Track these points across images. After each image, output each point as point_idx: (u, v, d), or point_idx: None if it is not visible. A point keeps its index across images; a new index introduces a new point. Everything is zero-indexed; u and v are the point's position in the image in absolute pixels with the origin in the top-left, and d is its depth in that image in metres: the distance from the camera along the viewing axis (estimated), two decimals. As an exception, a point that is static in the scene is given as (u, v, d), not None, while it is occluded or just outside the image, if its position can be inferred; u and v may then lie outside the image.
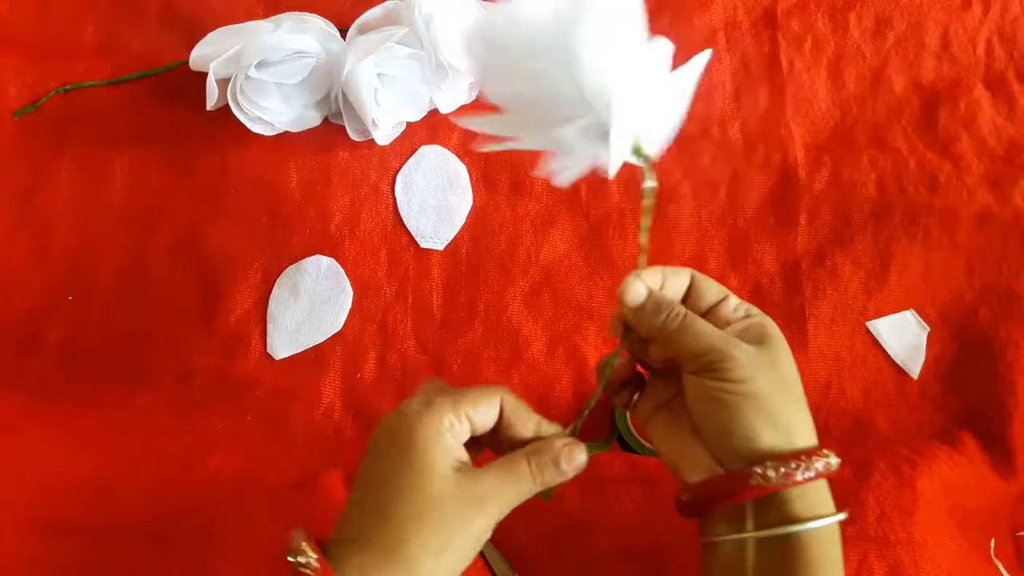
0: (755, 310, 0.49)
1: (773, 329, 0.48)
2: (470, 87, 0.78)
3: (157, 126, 0.78)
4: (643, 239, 0.49)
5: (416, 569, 0.41)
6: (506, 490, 0.44)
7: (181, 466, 0.66)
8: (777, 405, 0.44)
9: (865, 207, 0.76)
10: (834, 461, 0.44)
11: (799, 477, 0.42)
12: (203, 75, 0.72)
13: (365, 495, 0.43)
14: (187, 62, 0.73)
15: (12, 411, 0.69)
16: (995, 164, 0.77)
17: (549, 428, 0.47)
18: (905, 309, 0.73)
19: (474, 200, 0.77)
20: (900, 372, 0.72)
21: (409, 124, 0.77)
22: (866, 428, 0.71)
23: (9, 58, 0.80)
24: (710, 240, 0.75)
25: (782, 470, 0.42)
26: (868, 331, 0.73)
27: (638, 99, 0.44)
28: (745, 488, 0.43)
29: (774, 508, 0.43)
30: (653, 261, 0.72)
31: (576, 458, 0.46)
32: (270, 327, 0.72)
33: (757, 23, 0.83)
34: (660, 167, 0.76)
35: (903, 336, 0.73)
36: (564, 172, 0.47)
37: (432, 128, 0.78)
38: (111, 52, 0.81)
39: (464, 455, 0.44)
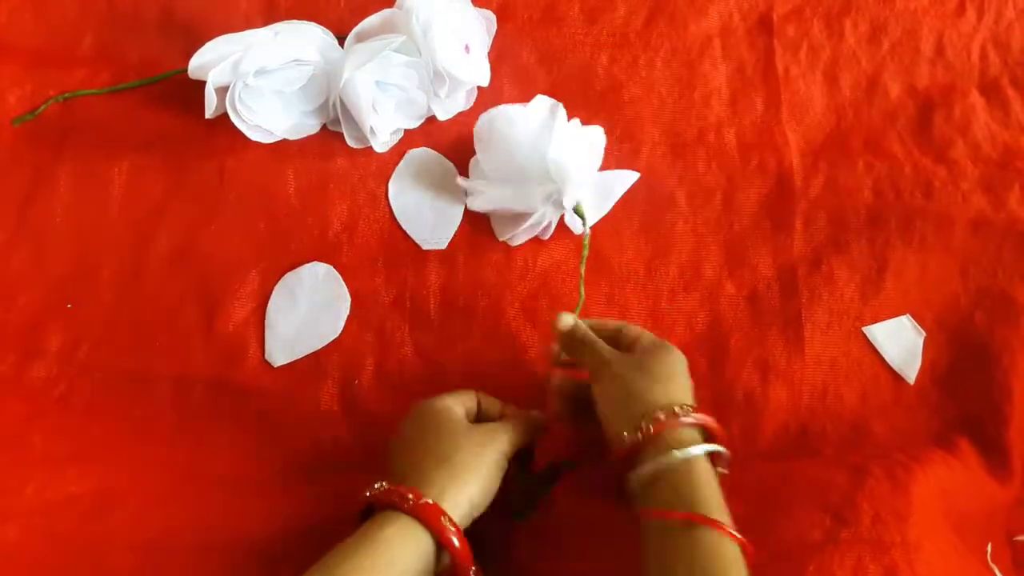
0: (656, 342, 0.63)
1: (665, 347, 0.62)
2: (467, 94, 0.79)
3: (156, 134, 0.78)
4: (581, 289, 0.70)
5: (462, 470, 0.54)
6: (507, 432, 0.58)
7: (181, 474, 0.66)
8: (640, 388, 0.57)
9: (861, 212, 0.76)
10: (696, 415, 0.56)
11: (652, 426, 0.54)
12: (201, 83, 0.72)
13: (403, 446, 0.57)
14: (185, 70, 0.73)
15: (12, 420, 0.69)
16: (990, 169, 0.77)
17: (512, 408, 0.63)
18: (901, 314, 0.74)
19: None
20: (896, 377, 0.72)
21: (407, 131, 0.78)
22: (862, 433, 0.71)
23: (8, 66, 0.80)
24: (706, 246, 0.76)
25: (639, 426, 0.54)
26: (864, 336, 0.73)
27: (580, 178, 0.71)
28: (617, 451, 0.55)
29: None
30: (656, 263, 0.73)
31: (543, 417, 0.62)
32: (268, 334, 0.73)
33: (753, 29, 0.83)
34: (657, 172, 0.78)
35: (899, 341, 0.73)
36: (520, 235, 0.75)
37: (430, 135, 0.78)
38: (110, 60, 0.81)
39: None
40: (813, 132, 0.80)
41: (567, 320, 0.64)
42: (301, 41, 0.73)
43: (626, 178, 0.76)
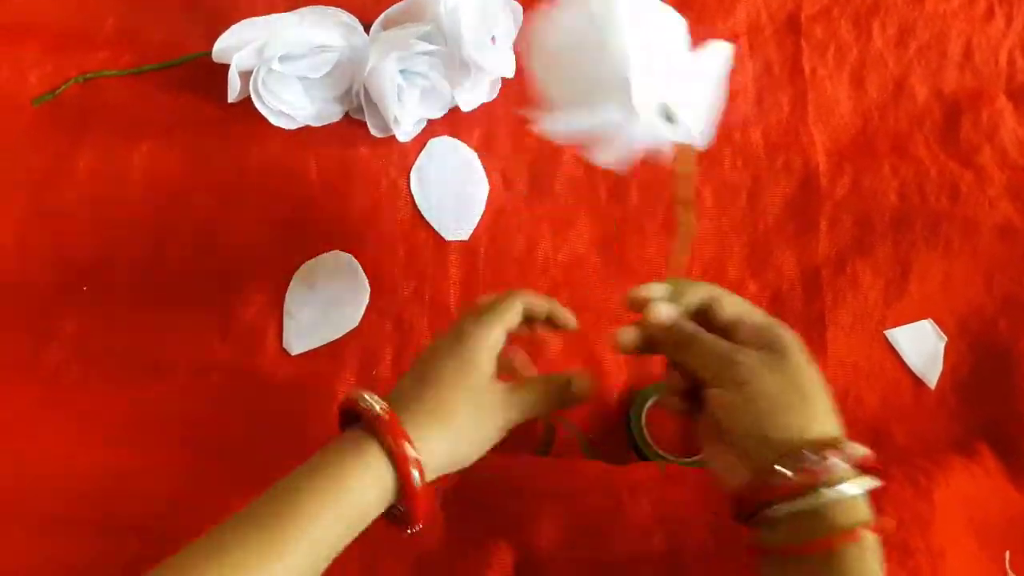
0: (773, 328, 0.50)
1: (787, 337, 0.49)
2: (491, 85, 0.78)
3: (177, 117, 0.78)
4: (684, 221, 0.58)
5: (458, 430, 0.50)
6: (523, 398, 0.53)
7: (195, 461, 0.66)
8: (785, 404, 0.46)
9: (886, 215, 0.75)
10: (858, 451, 0.45)
11: (816, 467, 0.43)
12: (224, 67, 0.71)
13: (422, 374, 0.51)
14: (209, 53, 0.73)
15: (27, 403, 0.68)
16: (1017, 175, 0.77)
17: (561, 312, 0.59)
18: (924, 318, 0.73)
19: (492, 196, 0.77)
20: (917, 382, 0.72)
21: (430, 121, 0.77)
22: (883, 437, 0.70)
23: (29, 46, 0.80)
24: (730, 246, 0.75)
25: (799, 465, 0.43)
26: (886, 340, 0.73)
27: (656, 72, 0.52)
28: (768, 488, 0.44)
29: (810, 517, 0.44)
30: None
31: (582, 384, 0.54)
32: (286, 322, 0.72)
33: (780, 29, 0.83)
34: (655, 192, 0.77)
35: (921, 346, 0.73)
36: (616, 154, 0.54)
37: (453, 125, 0.78)
38: (132, 42, 0.80)
39: (497, 356, 0.53)
40: (839, 133, 0.79)
41: (665, 312, 0.52)
42: (327, 27, 0.73)
43: (718, 53, 0.58)
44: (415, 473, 0.46)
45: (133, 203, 0.76)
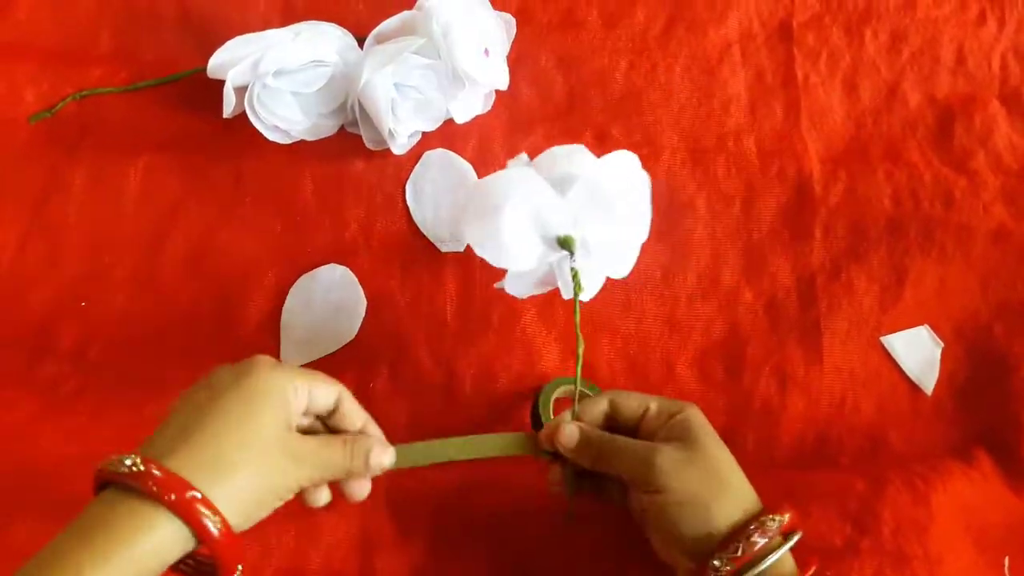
0: (676, 407, 0.55)
1: (695, 419, 0.53)
2: (486, 97, 0.79)
3: (173, 133, 0.78)
4: (579, 348, 0.58)
5: (239, 488, 0.43)
6: (323, 459, 0.49)
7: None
8: (707, 499, 0.49)
9: (880, 221, 0.75)
10: (781, 521, 0.49)
11: (747, 551, 0.48)
12: (219, 83, 0.72)
13: (188, 418, 0.45)
14: (204, 69, 0.73)
15: (23, 418, 0.68)
16: (1011, 180, 0.77)
17: (375, 429, 0.54)
18: (920, 324, 0.73)
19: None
20: (914, 388, 0.72)
21: (424, 134, 0.78)
22: (880, 444, 0.70)
23: (25, 64, 0.80)
24: (725, 254, 0.75)
25: (731, 556, 0.47)
26: (883, 346, 0.73)
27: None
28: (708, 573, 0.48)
29: None
30: (673, 269, 0.72)
31: (383, 458, 0.51)
32: (283, 336, 0.72)
33: (772, 36, 0.83)
34: (676, 178, 0.77)
35: (917, 352, 0.73)
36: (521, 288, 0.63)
37: (447, 138, 0.78)
38: (127, 59, 0.81)
39: (297, 418, 0.49)
40: (833, 140, 0.79)
41: (573, 434, 0.54)
42: (320, 42, 0.73)
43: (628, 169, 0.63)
44: (212, 528, 0.42)
45: (130, 218, 0.76)
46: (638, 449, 0.52)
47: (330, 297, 0.73)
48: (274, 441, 0.46)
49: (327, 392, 0.51)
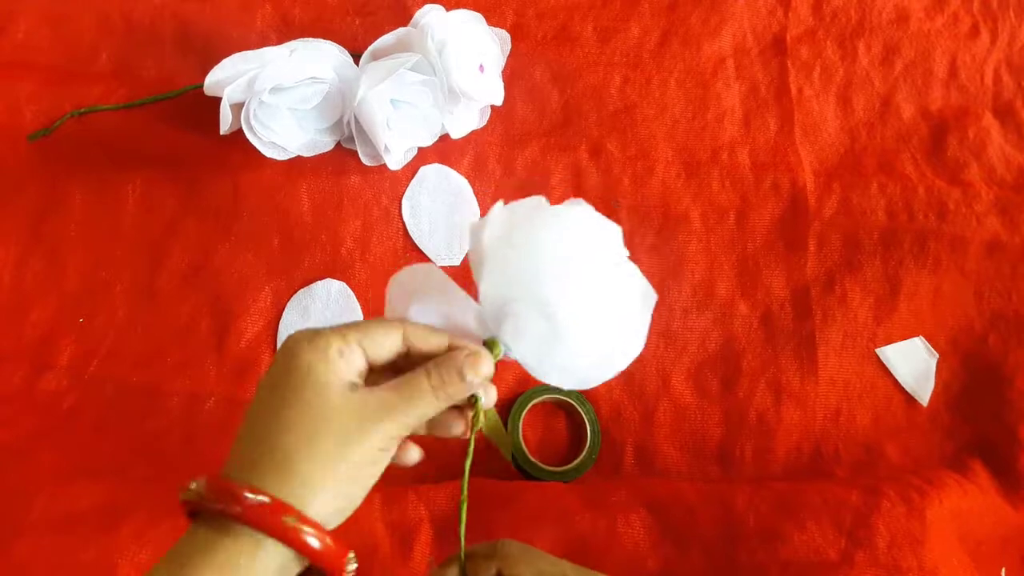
0: None
1: None
2: (481, 112, 0.79)
3: (170, 150, 0.78)
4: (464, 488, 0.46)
5: (307, 483, 0.40)
6: (404, 405, 0.42)
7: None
8: None
9: (874, 233, 0.76)
10: None
11: None
12: (216, 100, 0.72)
13: (255, 425, 0.42)
14: (201, 86, 0.73)
15: (23, 433, 0.69)
16: (1004, 192, 0.77)
17: (463, 342, 0.45)
18: (914, 336, 0.73)
19: (481, 213, 0.77)
20: (909, 399, 0.72)
21: (420, 149, 0.78)
22: (876, 455, 0.71)
23: (24, 82, 0.81)
24: (720, 265, 0.76)
25: None
26: (878, 358, 0.73)
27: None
28: None
29: None
30: (669, 282, 0.72)
31: (482, 367, 0.44)
32: (280, 350, 0.72)
33: (766, 50, 0.84)
34: (670, 192, 0.77)
35: (912, 363, 0.73)
36: None
37: (443, 153, 0.78)
38: (126, 77, 0.81)
39: (357, 378, 0.43)
40: (827, 153, 0.80)
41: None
42: (316, 59, 0.73)
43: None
44: (312, 540, 0.39)
45: (128, 234, 0.76)
46: None
47: (327, 311, 0.73)
48: (340, 411, 0.41)
49: (382, 338, 0.44)
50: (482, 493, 0.64)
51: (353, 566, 0.41)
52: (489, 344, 0.45)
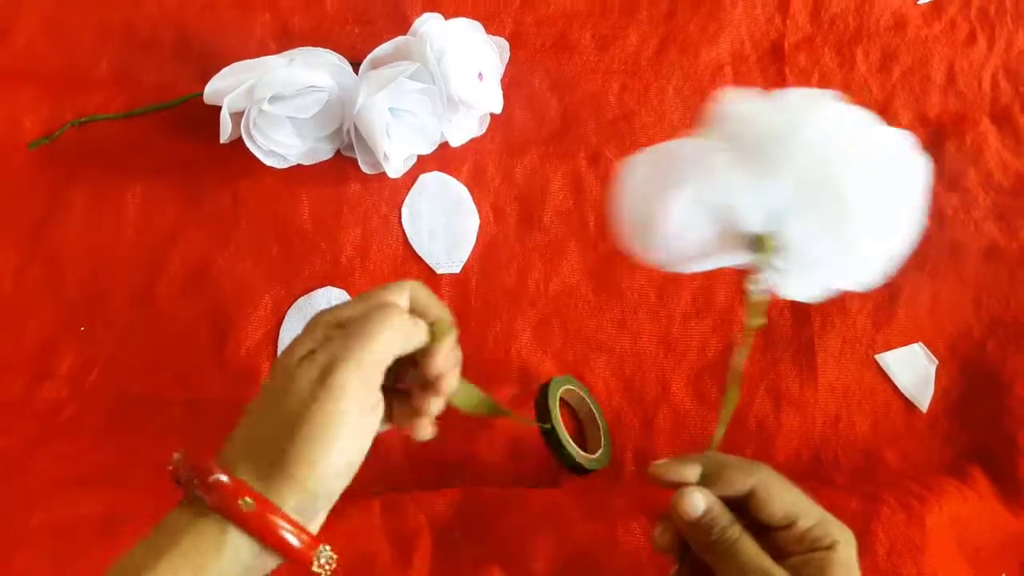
0: (829, 535, 0.44)
1: (839, 561, 0.43)
2: (480, 120, 0.79)
3: (170, 158, 0.79)
4: (727, 407, 0.45)
5: (317, 481, 0.40)
6: (369, 335, 0.42)
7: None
8: None
9: (873, 240, 0.76)
10: None
11: None
12: (216, 108, 0.72)
13: (250, 416, 0.43)
14: (201, 95, 0.74)
15: (22, 442, 0.69)
16: (1002, 198, 0.77)
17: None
18: (913, 342, 0.74)
19: (483, 229, 0.77)
20: (909, 405, 0.72)
21: (420, 157, 0.78)
22: (875, 461, 0.71)
23: (24, 90, 0.81)
24: (718, 272, 0.75)
25: None
26: (877, 364, 0.73)
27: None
28: None
29: None
30: (668, 288, 0.72)
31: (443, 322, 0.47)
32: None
33: (764, 57, 0.84)
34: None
35: (912, 369, 0.73)
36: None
37: (443, 161, 0.79)
38: (126, 85, 0.81)
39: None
40: (825, 160, 0.80)
41: (699, 504, 0.44)
42: (316, 67, 0.74)
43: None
44: (289, 537, 0.39)
45: (128, 243, 0.76)
46: (767, 567, 0.42)
47: (327, 319, 0.73)
48: (353, 412, 0.41)
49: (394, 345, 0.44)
50: (481, 499, 0.64)
51: (326, 558, 0.41)
52: (761, 242, 0.42)
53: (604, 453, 0.69)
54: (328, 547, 0.41)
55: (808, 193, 0.41)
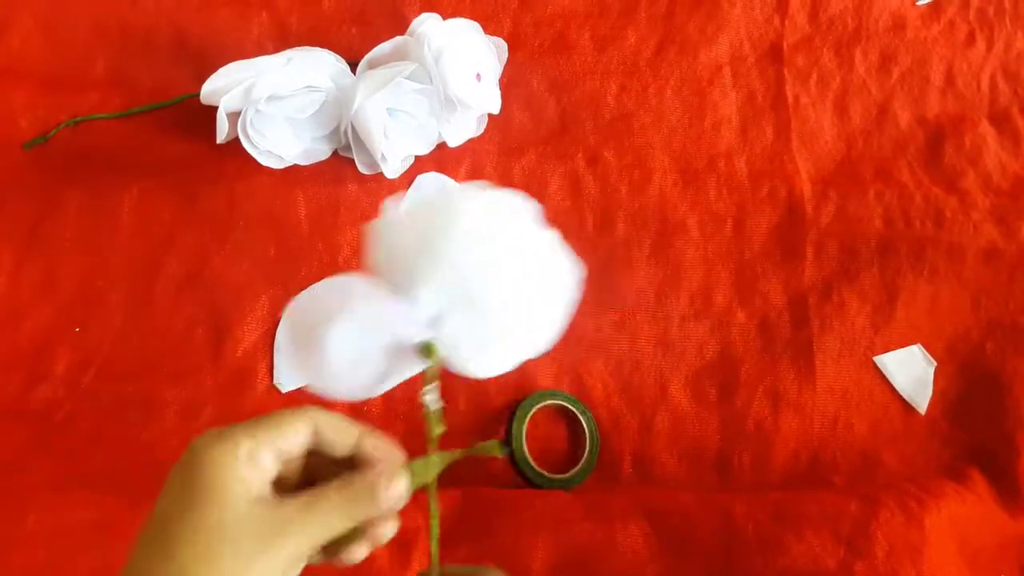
0: None
1: None
2: (478, 121, 0.79)
3: (166, 159, 0.78)
4: (433, 521, 0.44)
5: None
6: (310, 523, 0.39)
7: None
8: None
9: (871, 241, 0.76)
10: None
11: None
12: (213, 108, 0.72)
13: (153, 536, 0.38)
14: (197, 95, 0.73)
15: (16, 444, 0.68)
16: (1001, 199, 0.77)
17: (376, 447, 0.42)
18: (912, 344, 0.73)
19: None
20: (907, 407, 0.72)
21: (417, 157, 0.78)
22: (873, 463, 0.71)
23: (20, 90, 0.80)
24: (717, 274, 0.76)
25: None
26: (875, 366, 0.73)
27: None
28: None
29: None
30: (666, 290, 0.72)
31: (396, 486, 0.40)
32: (277, 360, 0.72)
33: (763, 58, 0.84)
34: (667, 200, 0.77)
35: (910, 371, 0.73)
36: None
37: (440, 161, 0.78)
38: (121, 85, 0.81)
39: (266, 485, 0.39)
40: (823, 160, 0.80)
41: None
42: (313, 68, 0.73)
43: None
44: None
45: (124, 243, 0.76)
46: None
47: (324, 321, 0.73)
48: (241, 529, 0.38)
49: (296, 433, 0.40)
50: (481, 501, 0.64)
51: None
52: (427, 348, 0.43)
53: (583, 467, 0.69)
54: None
55: (454, 297, 0.43)
